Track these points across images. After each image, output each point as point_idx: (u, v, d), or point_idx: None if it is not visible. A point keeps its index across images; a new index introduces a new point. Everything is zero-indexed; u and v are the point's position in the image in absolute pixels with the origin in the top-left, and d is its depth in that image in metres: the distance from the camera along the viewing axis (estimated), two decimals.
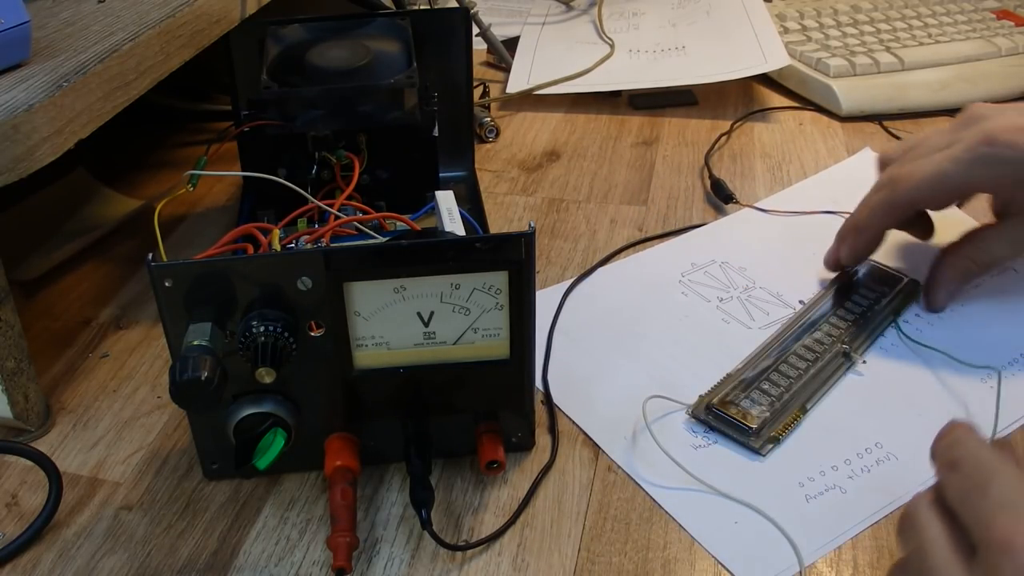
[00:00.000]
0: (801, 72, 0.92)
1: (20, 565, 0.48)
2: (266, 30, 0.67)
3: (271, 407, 0.47)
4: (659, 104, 0.91)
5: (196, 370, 0.42)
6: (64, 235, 0.72)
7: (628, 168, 0.81)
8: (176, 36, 0.60)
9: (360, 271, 0.45)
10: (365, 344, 0.47)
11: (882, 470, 0.51)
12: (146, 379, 0.60)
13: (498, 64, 1.00)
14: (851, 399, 0.55)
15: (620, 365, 0.59)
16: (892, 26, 0.98)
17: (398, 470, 0.52)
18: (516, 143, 0.86)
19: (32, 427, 0.55)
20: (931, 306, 0.61)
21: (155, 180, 0.81)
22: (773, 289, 0.65)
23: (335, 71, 0.64)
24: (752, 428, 0.52)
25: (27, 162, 0.49)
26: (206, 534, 0.49)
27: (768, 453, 0.52)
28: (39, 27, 0.58)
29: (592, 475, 0.52)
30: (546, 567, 0.47)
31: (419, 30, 0.68)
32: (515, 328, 0.48)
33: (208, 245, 0.50)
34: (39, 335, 0.63)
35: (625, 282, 0.66)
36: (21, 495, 0.52)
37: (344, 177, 0.62)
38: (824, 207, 0.73)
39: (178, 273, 0.44)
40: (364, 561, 0.47)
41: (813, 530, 0.48)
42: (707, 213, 0.74)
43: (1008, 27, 0.98)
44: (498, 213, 0.75)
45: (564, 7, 1.07)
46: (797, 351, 0.58)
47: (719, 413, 0.53)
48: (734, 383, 0.55)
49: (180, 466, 0.53)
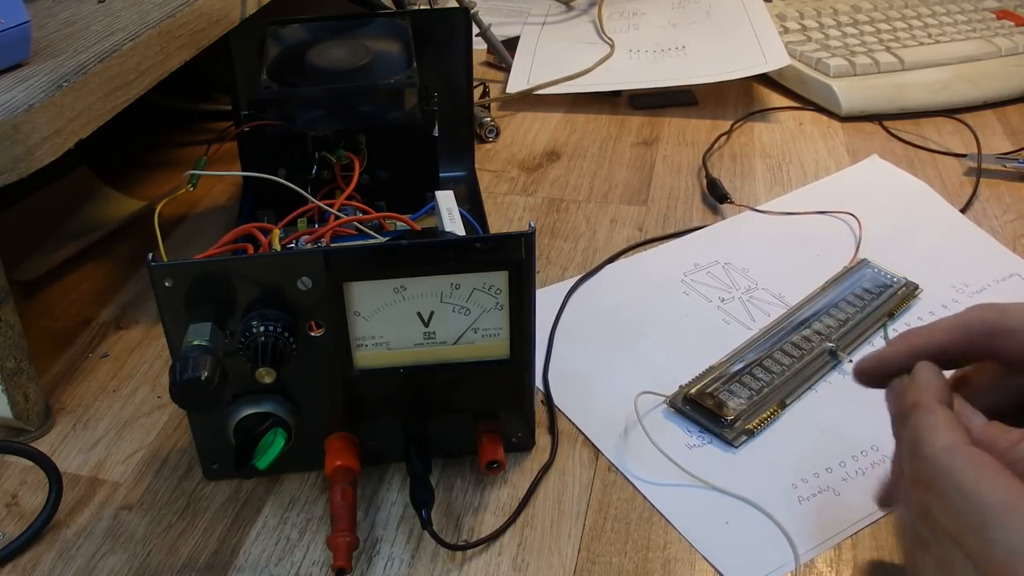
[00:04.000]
0: (801, 72, 0.92)
1: (20, 565, 0.48)
2: (266, 30, 0.67)
3: (271, 407, 0.47)
4: (659, 104, 0.91)
5: (196, 370, 0.42)
6: (64, 235, 0.72)
7: (628, 168, 0.81)
8: (176, 36, 0.60)
9: (360, 271, 0.45)
10: (365, 344, 0.47)
11: (877, 473, 0.51)
12: (146, 379, 0.60)
13: (498, 64, 1.00)
14: (847, 401, 0.55)
15: (620, 365, 0.59)
16: (892, 26, 0.98)
17: (398, 470, 0.52)
18: (516, 143, 0.86)
19: (32, 427, 0.55)
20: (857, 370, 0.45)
21: (155, 180, 0.81)
22: (775, 290, 0.65)
23: (335, 71, 0.64)
24: (727, 420, 0.53)
25: (27, 162, 0.49)
26: (206, 534, 0.49)
27: (741, 445, 0.52)
28: (39, 27, 0.58)
29: (592, 475, 0.52)
30: (546, 567, 0.47)
31: (419, 30, 0.68)
32: (515, 328, 0.48)
33: (208, 245, 0.50)
34: (39, 335, 0.63)
35: (627, 282, 0.66)
36: (21, 495, 0.52)
37: (344, 177, 0.62)
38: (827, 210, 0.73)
39: (178, 273, 0.44)
40: (364, 561, 0.47)
41: (804, 532, 0.48)
42: (707, 213, 0.74)
43: (1008, 27, 0.98)
44: (498, 213, 0.75)
45: (564, 7, 1.07)
46: (784, 347, 0.58)
47: (695, 403, 0.54)
48: (715, 375, 0.56)
49: (180, 466, 0.53)
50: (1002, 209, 0.74)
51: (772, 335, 0.59)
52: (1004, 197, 0.75)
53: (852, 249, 0.68)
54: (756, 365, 0.57)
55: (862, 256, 0.66)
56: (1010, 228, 0.71)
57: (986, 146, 0.82)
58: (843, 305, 0.61)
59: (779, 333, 0.59)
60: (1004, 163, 0.78)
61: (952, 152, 0.82)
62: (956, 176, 0.78)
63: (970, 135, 0.84)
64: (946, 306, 0.63)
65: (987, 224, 0.71)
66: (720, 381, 0.55)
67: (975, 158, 0.79)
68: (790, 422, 0.54)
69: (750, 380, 0.56)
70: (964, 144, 0.83)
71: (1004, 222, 0.72)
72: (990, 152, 0.80)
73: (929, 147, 0.83)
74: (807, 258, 0.67)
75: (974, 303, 0.59)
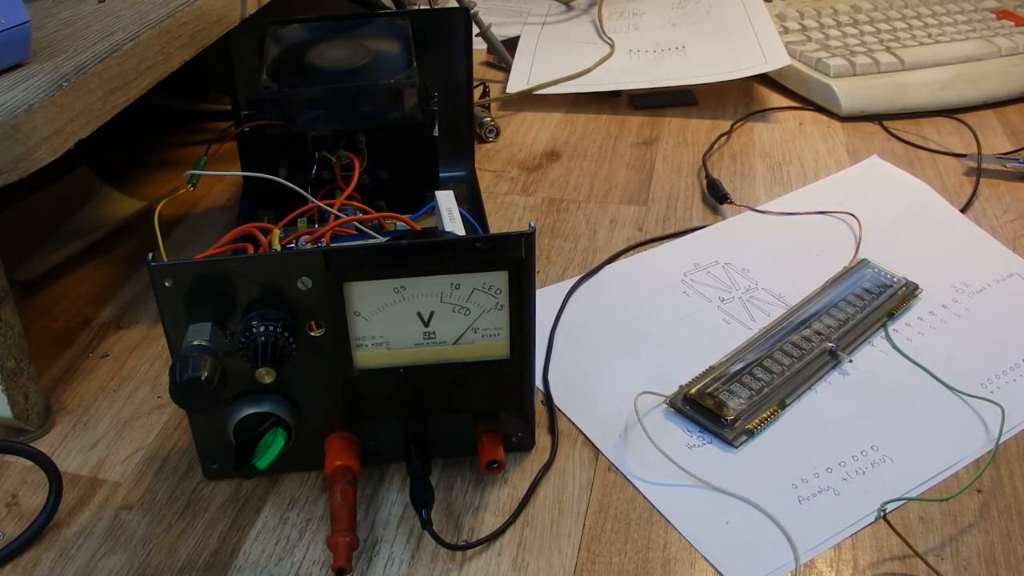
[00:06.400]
0: (801, 72, 0.92)
1: (20, 565, 0.48)
2: (266, 30, 0.67)
3: (271, 407, 0.47)
4: (659, 104, 0.91)
5: (196, 370, 0.42)
6: (64, 235, 0.72)
7: (628, 168, 0.81)
8: (176, 36, 0.60)
9: (360, 271, 0.45)
10: (365, 344, 0.47)
11: (877, 473, 0.51)
12: (146, 379, 0.60)
13: (498, 64, 1.00)
14: (847, 401, 0.55)
15: (620, 365, 0.59)
16: (892, 26, 0.98)
17: (398, 470, 0.52)
18: (516, 143, 0.86)
19: (32, 427, 0.55)
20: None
21: (155, 180, 0.81)
22: (775, 291, 0.65)
23: (335, 71, 0.64)
24: (727, 420, 0.53)
25: (27, 162, 0.49)
26: (206, 534, 0.49)
27: (741, 445, 0.52)
28: (39, 27, 0.58)
29: (592, 475, 0.52)
30: (546, 567, 0.47)
31: (419, 30, 0.68)
32: (515, 328, 0.48)
33: (208, 245, 0.50)
34: (39, 335, 0.63)
35: (627, 282, 0.66)
36: (21, 495, 0.52)
37: (344, 177, 0.62)
38: (827, 210, 0.73)
39: (178, 273, 0.44)
40: (364, 561, 0.47)
41: (804, 532, 0.48)
42: (707, 213, 0.74)
43: (1008, 27, 0.98)
44: (498, 213, 0.75)
45: (564, 7, 1.07)
46: (784, 347, 0.58)
47: (695, 403, 0.54)
48: (715, 375, 0.56)
49: (180, 466, 0.53)
50: (1002, 209, 0.74)
51: (772, 335, 0.59)
52: (1004, 197, 0.75)
53: (852, 249, 0.68)
54: (756, 365, 0.57)
55: (862, 256, 0.66)
56: (1010, 228, 0.71)
57: (986, 146, 0.82)
58: (843, 305, 0.61)
59: (779, 333, 0.59)
60: (1004, 163, 0.78)
61: (952, 152, 0.82)
62: (956, 176, 0.78)
63: (970, 135, 0.84)
64: (946, 306, 0.63)
65: (987, 224, 0.72)
66: (720, 381, 0.55)
67: (975, 158, 0.79)
68: (790, 422, 0.54)
69: (750, 380, 0.56)
70: (964, 144, 0.83)
71: (1004, 222, 0.72)
72: (990, 152, 0.80)
73: (929, 147, 0.83)
74: (807, 258, 0.67)
75: (974, 303, 0.59)
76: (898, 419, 0.54)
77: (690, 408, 0.54)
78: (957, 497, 0.49)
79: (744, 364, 0.57)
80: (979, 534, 0.48)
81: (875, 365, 0.58)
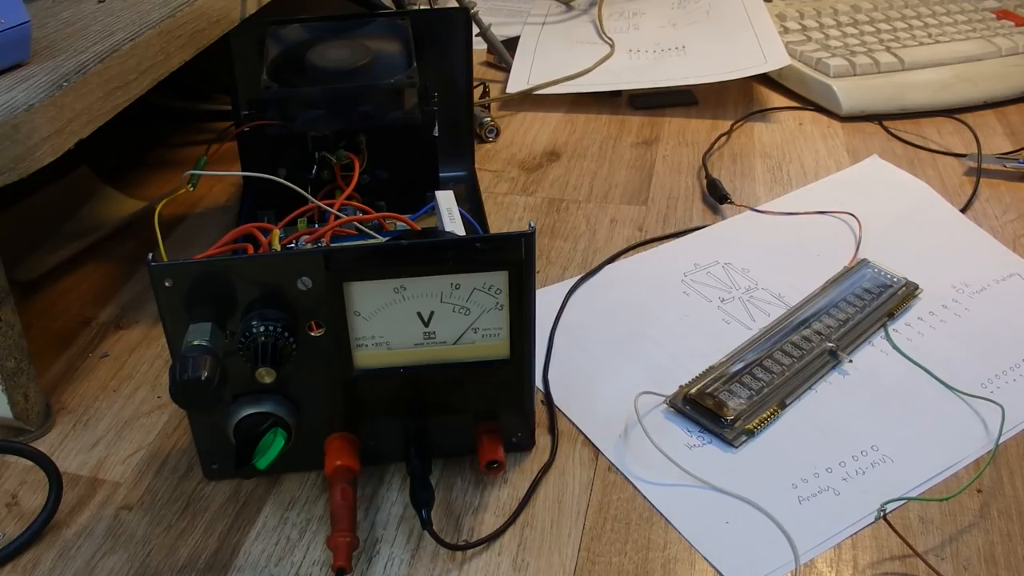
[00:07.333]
0: (801, 72, 0.92)
1: (20, 565, 0.48)
2: (266, 30, 0.67)
3: (271, 407, 0.47)
4: (659, 104, 0.91)
5: (196, 370, 0.42)
6: (64, 235, 0.72)
7: (628, 168, 0.81)
8: (176, 36, 0.60)
9: (360, 271, 0.45)
10: (365, 344, 0.47)
11: (877, 473, 0.51)
12: (146, 379, 0.60)
13: (498, 64, 1.00)
14: (847, 401, 0.55)
15: (620, 365, 0.59)
16: (892, 26, 0.98)
17: (398, 470, 0.52)
18: (516, 143, 0.86)
19: (32, 427, 0.55)
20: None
21: (155, 180, 0.81)
22: (775, 291, 0.65)
23: (335, 71, 0.64)
24: (727, 420, 0.53)
25: (27, 162, 0.49)
26: (206, 534, 0.49)
27: (741, 445, 0.52)
28: (39, 27, 0.58)
29: (592, 475, 0.52)
30: (546, 567, 0.47)
31: (419, 30, 0.68)
32: (515, 328, 0.48)
33: (208, 245, 0.50)
34: (39, 335, 0.63)
35: (627, 282, 0.66)
36: (21, 495, 0.52)
37: (344, 177, 0.62)
38: (827, 210, 0.73)
39: (178, 273, 0.44)
40: (364, 561, 0.47)
41: (804, 532, 0.48)
42: (707, 213, 0.74)
43: (1008, 27, 0.98)
44: (498, 213, 0.75)
45: (564, 7, 1.07)
46: (784, 347, 0.58)
47: (695, 403, 0.54)
48: (715, 375, 0.56)
49: (180, 466, 0.53)
50: (1002, 209, 0.74)
51: (772, 335, 0.59)
52: (1004, 197, 0.75)
53: (852, 249, 0.68)
54: (756, 365, 0.57)
55: (862, 256, 0.66)
56: (1010, 228, 0.71)
57: (986, 146, 0.82)
58: (843, 305, 0.61)
59: (779, 333, 0.59)
60: (1004, 163, 0.78)
61: (952, 152, 0.82)
62: (956, 176, 0.78)
63: (970, 135, 0.84)
64: (946, 306, 0.63)
65: (987, 224, 0.72)
66: (720, 381, 0.55)
67: (975, 158, 0.79)
68: (790, 422, 0.54)
69: (750, 380, 0.56)
70: (964, 144, 0.83)
71: (1004, 222, 0.72)
72: (990, 152, 0.80)
73: (929, 147, 0.83)
74: (807, 258, 0.67)
75: (974, 303, 0.59)
76: (898, 419, 0.54)
77: (690, 408, 0.54)
78: (957, 497, 0.49)
79: (744, 364, 0.57)
80: (979, 534, 0.48)
81: (875, 365, 0.58)
